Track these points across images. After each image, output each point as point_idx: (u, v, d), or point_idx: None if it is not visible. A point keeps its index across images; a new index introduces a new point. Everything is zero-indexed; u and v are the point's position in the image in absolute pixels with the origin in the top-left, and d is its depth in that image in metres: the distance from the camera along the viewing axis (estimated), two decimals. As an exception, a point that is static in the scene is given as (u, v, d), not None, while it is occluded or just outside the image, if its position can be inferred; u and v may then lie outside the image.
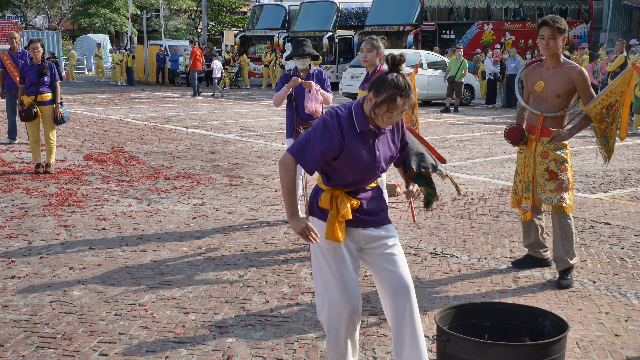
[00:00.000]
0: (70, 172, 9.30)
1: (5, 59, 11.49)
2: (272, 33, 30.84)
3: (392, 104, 3.06)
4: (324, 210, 3.27)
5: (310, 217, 3.36)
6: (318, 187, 3.36)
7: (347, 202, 3.22)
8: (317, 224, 3.29)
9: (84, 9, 55.53)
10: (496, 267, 5.49)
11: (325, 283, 3.30)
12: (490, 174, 9.47)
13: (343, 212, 3.20)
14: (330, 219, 3.22)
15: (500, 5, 28.56)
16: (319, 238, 3.24)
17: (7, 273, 5.23)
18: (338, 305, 3.27)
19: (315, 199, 3.34)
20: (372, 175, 3.28)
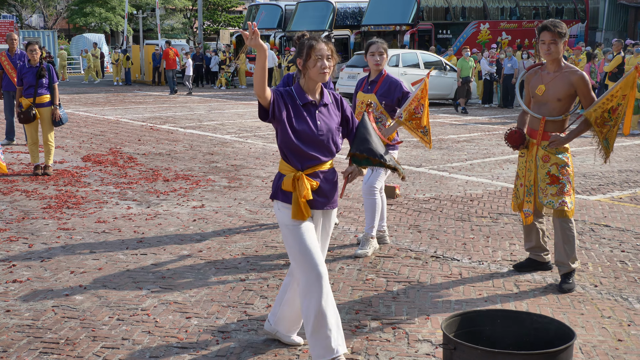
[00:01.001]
0: (69, 173, 9.29)
1: (3, 60, 11.46)
2: (268, 33, 30.83)
3: (314, 50, 3.57)
4: (287, 193, 3.65)
5: (275, 201, 3.74)
6: (280, 173, 3.71)
7: (307, 183, 3.60)
8: (282, 206, 3.68)
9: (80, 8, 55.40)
10: (497, 270, 5.50)
11: (297, 257, 3.62)
12: (489, 175, 9.48)
13: (304, 193, 3.57)
14: (294, 200, 3.60)
15: (496, 5, 28.62)
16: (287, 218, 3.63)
17: (9, 277, 5.22)
18: (311, 274, 3.58)
19: (278, 183, 3.70)
20: (322, 149, 3.65)
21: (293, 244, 3.63)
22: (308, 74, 3.63)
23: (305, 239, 3.61)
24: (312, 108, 3.64)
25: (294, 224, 3.63)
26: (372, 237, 5.94)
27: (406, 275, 5.37)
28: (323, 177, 3.70)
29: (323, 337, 3.60)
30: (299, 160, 3.62)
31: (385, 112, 5.89)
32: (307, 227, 3.65)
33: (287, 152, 3.62)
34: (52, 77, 9.10)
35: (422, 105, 5.74)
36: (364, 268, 5.54)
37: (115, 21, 54.61)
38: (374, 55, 5.89)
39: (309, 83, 3.66)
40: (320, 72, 3.60)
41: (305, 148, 3.59)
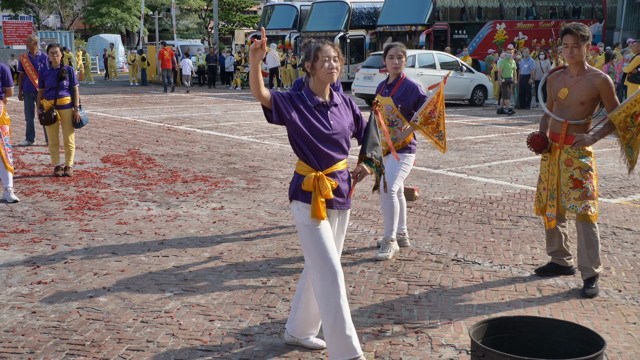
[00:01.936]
0: (89, 174, 9.36)
1: (24, 62, 11.56)
2: (284, 33, 30.87)
3: (320, 51, 3.65)
4: (306, 193, 3.70)
5: (293, 201, 3.77)
6: (298, 174, 3.75)
7: (327, 183, 3.67)
8: (301, 206, 3.71)
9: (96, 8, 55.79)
10: (519, 274, 5.48)
11: (315, 257, 3.67)
12: (507, 177, 9.45)
13: (325, 192, 3.65)
14: (314, 200, 3.65)
15: (512, 5, 28.47)
16: (306, 218, 3.66)
17: (34, 278, 5.27)
18: (329, 274, 3.63)
19: (298, 184, 3.73)
20: (337, 148, 3.73)
21: (311, 244, 3.68)
22: (317, 75, 3.70)
23: (324, 239, 3.67)
24: (323, 109, 3.71)
25: (313, 224, 3.68)
26: (392, 240, 5.94)
27: (427, 279, 5.37)
28: (340, 177, 3.79)
29: (344, 337, 3.64)
30: (318, 160, 3.68)
31: (401, 116, 5.89)
32: (325, 227, 3.71)
33: (307, 151, 3.68)
34: (73, 79, 9.17)
35: (437, 110, 5.74)
36: (385, 271, 5.55)
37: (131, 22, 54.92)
38: (392, 58, 5.89)
39: (318, 85, 3.73)
40: (327, 72, 3.67)
41: (322, 147, 3.67)
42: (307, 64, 3.71)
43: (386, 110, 5.91)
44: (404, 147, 5.90)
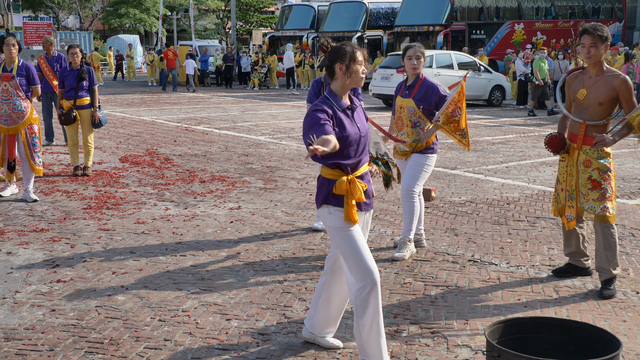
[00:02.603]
0: (108, 174, 9.44)
1: (42, 63, 11.68)
2: (301, 33, 30.92)
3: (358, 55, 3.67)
4: (338, 196, 3.66)
5: (324, 205, 3.70)
6: (327, 178, 3.70)
7: (359, 186, 3.67)
8: (334, 210, 3.68)
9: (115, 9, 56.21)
10: (536, 275, 5.46)
11: (352, 262, 3.65)
12: (525, 178, 9.41)
13: (358, 195, 3.64)
14: (346, 203, 3.64)
15: (531, 5, 28.30)
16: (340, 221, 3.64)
17: (53, 277, 5.34)
18: (368, 279, 3.63)
19: (329, 188, 3.68)
20: (365, 150, 3.76)
21: (347, 248, 3.67)
22: (350, 78, 3.68)
23: (359, 243, 3.67)
24: (348, 112, 3.73)
25: (347, 227, 3.66)
26: (409, 240, 5.94)
27: (444, 280, 5.37)
28: (366, 179, 3.81)
29: (378, 342, 3.67)
30: (350, 164, 3.67)
31: (423, 116, 5.89)
32: (358, 230, 3.70)
33: (340, 158, 3.64)
34: (92, 79, 9.26)
35: (459, 109, 5.74)
36: (402, 271, 5.55)
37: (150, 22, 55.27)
38: (411, 59, 5.88)
39: (345, 88, 3.71)
40: (361, 77, 3.70)
41: (355, 149, 3.69)
42: (341, 66, 3.64)
43: (408, 112, 5.91)
44: (427, 148, 5.90)
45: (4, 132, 7.79)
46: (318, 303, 4.08)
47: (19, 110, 7.75)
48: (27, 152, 7.81)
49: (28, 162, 7.82)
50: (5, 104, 7.72)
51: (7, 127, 7.75)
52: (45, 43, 11.65)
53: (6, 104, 7.72)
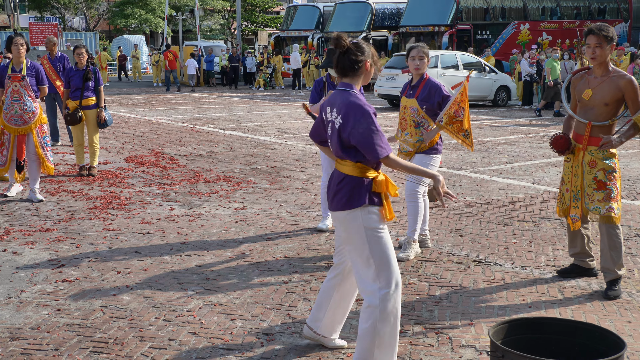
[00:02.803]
0: (113, 174, 9.46)
1: (44, 63, 11.71)
2: (307, 34, 30.95)
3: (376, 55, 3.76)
4: (377, 195, 3.62)
5: (364, 206, 3.59)
6: (361, 177, 3.60)
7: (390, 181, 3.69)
8: (372, 210, 3.61)
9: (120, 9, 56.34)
10: (541, 276, 5.45)
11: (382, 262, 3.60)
12: (530, 178, 9.39)
13: (395, 191, 3.63)
14: (386, 200, 3.64)
15: (537, 5, 28.25)
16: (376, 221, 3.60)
17: (58, 277, 5.35)
18: (393, 280, 3.62)
19: (368, 187, 3.59)
20: None
21: (380, 250, 3.60)
22: (368, 76, 3.73)
23: (390, 244, 3.66)
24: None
25: (383, 227, 3.63)
26: (414, 240, 5.94)
27: (448, 280, 5.37)
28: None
29: (393, 344, 3.64)
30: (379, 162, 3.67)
31: (426, 117, 5.88)
32: (387, 230, 3.69)
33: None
34: (98, 80, 9.29)
35: (462, 109, 5.73)
36: (406, 272, 5.55)
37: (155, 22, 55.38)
38: (414, 59, 5.88)
39: (359, 86, 3.74)
40: (373, 75, 3.74)
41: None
42: (368, 63, 3.66)
43: (411, 112, 5.91)
44: (431, 148, 5.89)
45: (14, 133, 7.83)
46: (328, 305, 4.02)
47: (30, 110, 7.79)
48: (40, 152, 7.87)
49: (41, 161, 7.87)
50: (16, 104, 7.74)
51: (18, 128, 7.79)
52: (48, 44, 11.70)
53: (17, 105, 7.74)
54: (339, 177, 3.66)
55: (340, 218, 3.68)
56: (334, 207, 3.69)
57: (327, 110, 3.73)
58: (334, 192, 3.67)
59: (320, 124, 3.87)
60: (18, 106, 7.74)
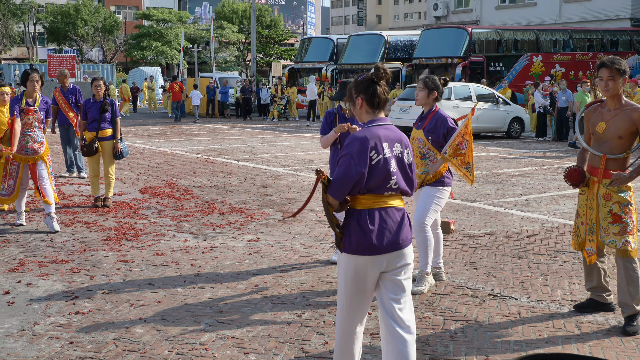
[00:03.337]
0: (127, 205, 9.51)
1: (57, 95, 11.88)
2: (320, 65, 31.18)
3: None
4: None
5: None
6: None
7: None
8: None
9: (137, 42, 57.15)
10: (557, 310, 5.39)
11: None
12: (545, 211, 9.33)
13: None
14: None
15: (549, 37, 28.34)
16: None
17: (71, 308, 5.36)
18: None
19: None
20: None
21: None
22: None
23: None
24: None
25: None
26: (427, 273, 5.90)
27: (463, 314, 5.31)
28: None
29: None
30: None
31: (432, 148, 5.89)
32: None
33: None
34: (115, 111, 9.39)
35: (465, 141, 5.73)
36: (421, 305, 5.50)
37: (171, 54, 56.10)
38: (416, 89, 5.98)
39: None
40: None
41: None
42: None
43: (418, 144, 5.93)
44: (437, 181, 5.87)
45: (24, 162, 7.98)
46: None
47: (39, 140, 8.09)
48: (50, 179, 8.08)
49: (51, 189, 8.00)
50: (27, 136, 7.97)
51: (27, 157, 7.96)
52: (60, 76, 11.89)
53: (28, 136, 7.98)
54: (399, 212, 3.61)
55: (409, 253, 3.63)
56: (408, 241, 3.61)
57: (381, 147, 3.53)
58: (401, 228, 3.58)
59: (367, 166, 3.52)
60: (29, 137, 7.98)
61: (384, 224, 3.53)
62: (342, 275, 3.63)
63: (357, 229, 3.52)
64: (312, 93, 27.81)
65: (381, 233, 3.51)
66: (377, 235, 3.50)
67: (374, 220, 3.52)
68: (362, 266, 3.54)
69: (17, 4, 53.77)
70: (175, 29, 56.94)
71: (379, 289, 3.64)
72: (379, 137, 3.53)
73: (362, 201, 3.56)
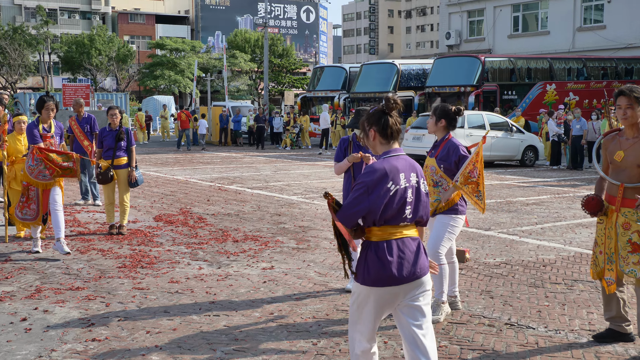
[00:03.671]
0: (142, 233, 9.54)
1: (73, 124, 12.00)
2: (333, 94, 31.35)
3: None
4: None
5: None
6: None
7: None
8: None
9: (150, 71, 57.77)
10: (576, 340, 5.33)
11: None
12: (560, 239, 9.27)
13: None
14: None
15: (563, 66, 28.39)
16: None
17: (88, 335, 5.36)
18: None
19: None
20: None
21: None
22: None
23: None
24: None
25: None
26: (443, 302, 5.87)
27: (480, 343, 5.27)
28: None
29: None
30: None
31: (445, 176, 5.89)
32: None
33: None
34: (130, 140, 9.47)
35: (476, 169, 5.73)
36: (437, 334, 5.46)
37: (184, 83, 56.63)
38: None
39: None
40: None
41: None
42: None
43: (431, 172, 5.94)
44: (450, 209, 5.86)
45: (42, 187, 8.09)
46: None
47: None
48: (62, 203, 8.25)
49: (62, 215, 8.12)
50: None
51: (45, 182, 8.04)
52: (76, 105, 12.03)
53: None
54: (414, 242, 3.63)
55: (427, 281, 3.65)
56: (426, 270, 3.63)
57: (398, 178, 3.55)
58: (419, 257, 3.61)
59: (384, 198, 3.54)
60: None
61: (402, 255, 3.54)
62: (358, 304, 3.64)
63: (376, 260, 3.53)
64: (325, 121, 27.93)
65: (400, 264, 3.52)
66: (396, 266, 3.51)
67: (392, 251, 3.53)
68: (381, 297, 3.56)
69: (32, 34, 54.64)
70: (188, 58, 57.59)
71: (399, 318, 3.65)
72: (397, 168, 3.57)
73: (377, 233, 3.57)
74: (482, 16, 38.89)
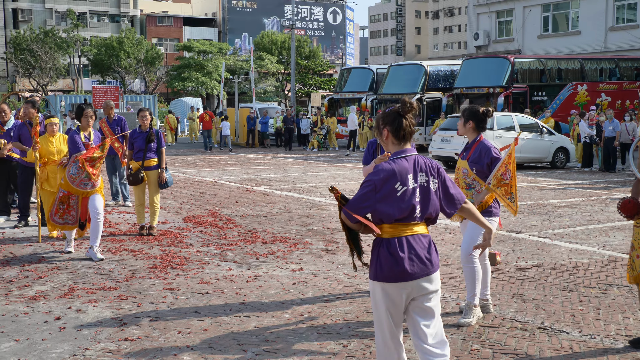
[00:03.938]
0: (172, 234, 9.60)
1: (103, 126, 12.11)
2: (360, 95, 31.28)
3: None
4: None
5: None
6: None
7: None
8: None
9: (178, 73, 58.22)
10: (612, 345, 5.24)
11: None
12: (594, 243, 9.14)
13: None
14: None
15: (594, 66, 27.99)
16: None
17: (120, 335, 5.39)
18: None
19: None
20: None
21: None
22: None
23: None
24: None
25: None
26: (474, 305, 5.80)
27: (513, 347, 5.20)
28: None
29: None
30: None
31: (477, 178, 5.83)
32: None
33: None
34: (161, 142, 9.54)
35: (509, 171, 5.66)
36: (469, 338, 5.40)
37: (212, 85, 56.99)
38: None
39: None
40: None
41: None
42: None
43: (463, 174, 5.88)
44: (484, 211, 5.80)
45: (83, 195, 8.09)
46: None
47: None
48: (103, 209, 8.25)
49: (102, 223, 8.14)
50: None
51: (86, 191, 8.05)
52: (106, 107, 12.14)
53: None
54: (425, 238, 3.72)
55: (436, 278, 3.73)
56: (437, 266, 3.73)
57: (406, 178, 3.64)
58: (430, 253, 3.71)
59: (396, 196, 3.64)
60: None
61: (413, 251, 3.65)
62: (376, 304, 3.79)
63: (388, 256, 3.64)
64: (353, 123, 27.89)
65: (411, 259, 3.64)
66: (408, 262, 3.62)
67: (404, 247, 3.64)
68: (393, 292, 3.68)
69: (63, 38, 55.41)
70: (215, 60, 57.94)
71: (410, 317, 3.76)
72: (406, 169, 3.68)
73: (389, 230, 3.68)
74: (511, 16, 38.52)
